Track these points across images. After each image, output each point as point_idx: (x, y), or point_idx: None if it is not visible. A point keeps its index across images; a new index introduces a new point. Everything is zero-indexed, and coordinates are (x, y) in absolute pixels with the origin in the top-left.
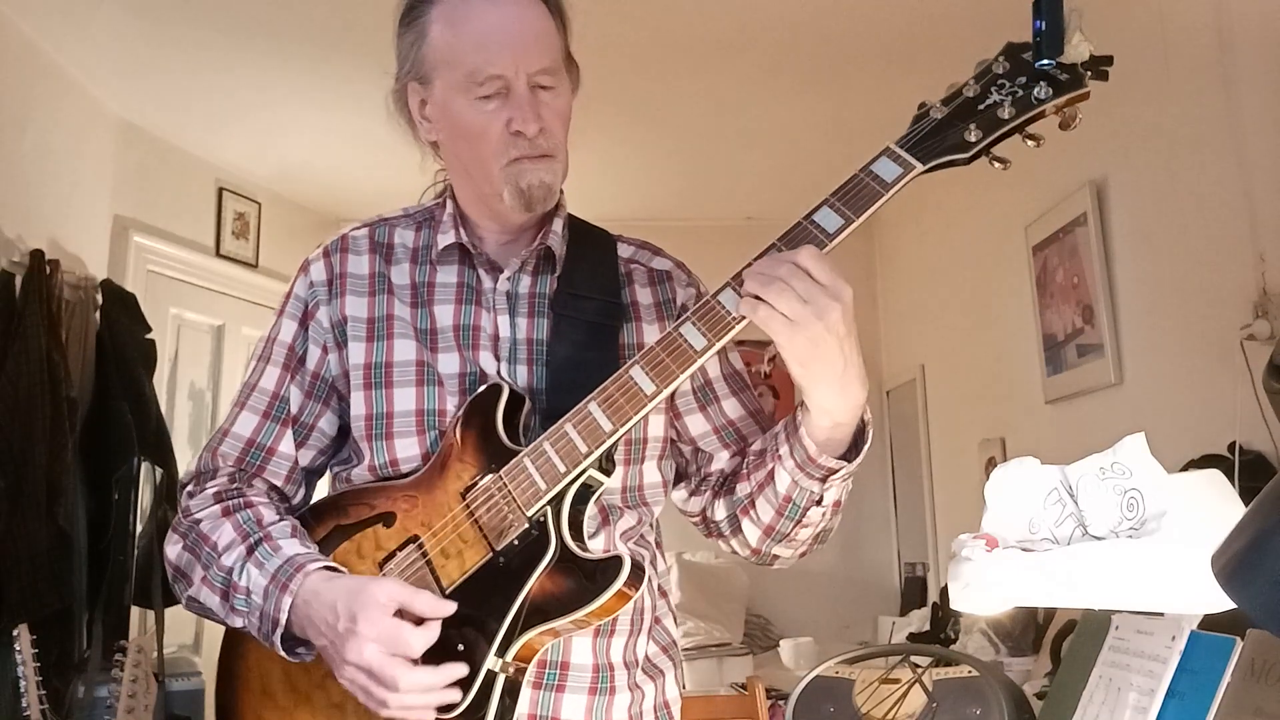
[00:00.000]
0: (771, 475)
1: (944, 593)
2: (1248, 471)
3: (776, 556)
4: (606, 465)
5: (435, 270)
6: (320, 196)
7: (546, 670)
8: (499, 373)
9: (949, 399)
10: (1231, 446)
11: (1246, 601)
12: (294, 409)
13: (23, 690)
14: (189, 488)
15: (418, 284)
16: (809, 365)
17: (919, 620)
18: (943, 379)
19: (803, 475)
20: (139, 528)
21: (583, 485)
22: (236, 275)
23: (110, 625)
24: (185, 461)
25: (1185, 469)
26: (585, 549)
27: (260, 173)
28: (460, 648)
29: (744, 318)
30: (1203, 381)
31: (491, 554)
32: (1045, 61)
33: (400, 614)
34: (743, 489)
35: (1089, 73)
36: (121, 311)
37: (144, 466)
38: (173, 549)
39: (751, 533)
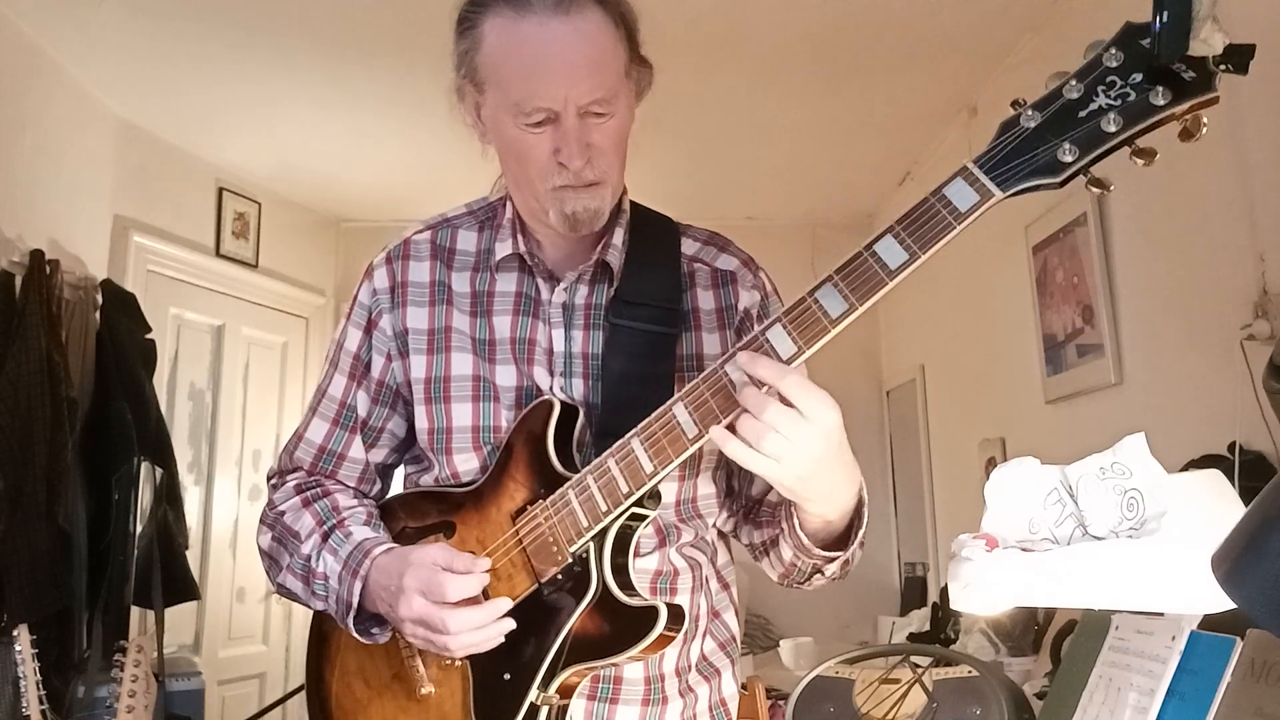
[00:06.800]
0: (776, 541)
1: (944, 593)
2: (1248, 471)
3: (804, 587)
4: (649, 502)
5: (495, 278)
6: (320, 196)
7: (600, 684)
8: (552, 388)
9: (949, 399)
10: (1231, 446)
11: (1246, 601)
12: (362, 414)
13: (23, 690)
14: (273, 481)
15: (478, 292)
16: (796, 491)
17: (919, 620)
18: (943, 379)
19: (802, 556)
20: (139, 528)
21: (628, 519)
22: (236, 275)
23: (110, 625)
24: (185, 461)
25: (1185, 469)
26: (629, 592)
27: (260, 173)
28: (506, 677)
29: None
30: (1203, 381)
31: (537, 585)
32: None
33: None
34: (758, 536)
35: (1223, 68)
36: (121, 311)
37: (144, 466)
38: (264, 539)
39: (772, 571)
